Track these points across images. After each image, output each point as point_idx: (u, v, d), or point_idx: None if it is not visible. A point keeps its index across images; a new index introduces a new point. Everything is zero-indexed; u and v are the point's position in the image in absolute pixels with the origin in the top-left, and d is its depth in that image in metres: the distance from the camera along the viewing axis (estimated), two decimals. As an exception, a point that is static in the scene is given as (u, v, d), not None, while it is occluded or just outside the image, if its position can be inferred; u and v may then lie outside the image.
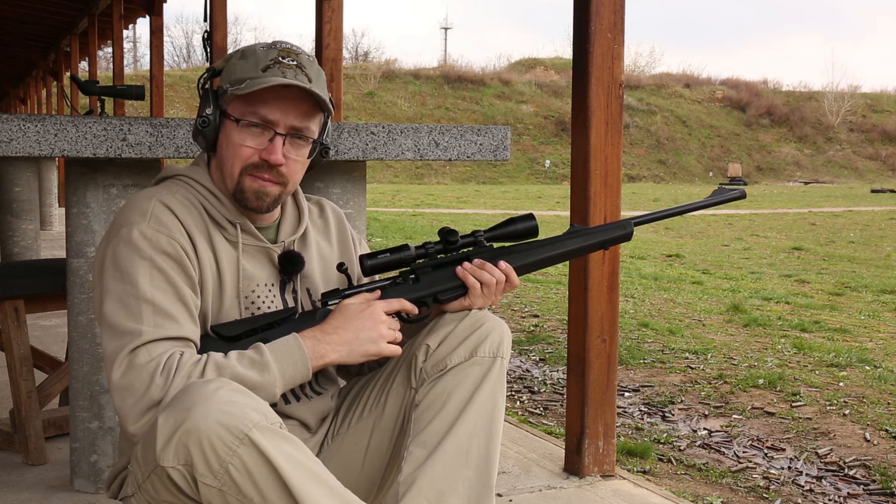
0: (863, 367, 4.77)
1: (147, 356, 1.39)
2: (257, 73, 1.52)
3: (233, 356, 1.43)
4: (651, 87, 47.71)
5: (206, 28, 6.03)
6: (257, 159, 1.54)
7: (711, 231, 14.01)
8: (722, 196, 1.87)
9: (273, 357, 1.44)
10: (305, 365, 1.47)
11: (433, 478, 1.51)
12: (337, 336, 1.51)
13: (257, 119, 1.53)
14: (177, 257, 1.49)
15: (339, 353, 1.51)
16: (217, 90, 1.59)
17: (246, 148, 1.54)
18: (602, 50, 2.55)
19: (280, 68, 1.51)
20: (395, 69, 45.58)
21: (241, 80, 1.53)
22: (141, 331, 1.41)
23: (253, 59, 1.54)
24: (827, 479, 3.18)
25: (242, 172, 1.55)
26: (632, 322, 6.07)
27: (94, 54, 12.73)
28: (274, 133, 1.54)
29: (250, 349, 1.45)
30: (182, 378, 1.38)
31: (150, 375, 1.38)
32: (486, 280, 1.63)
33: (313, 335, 1.50)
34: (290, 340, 1.48)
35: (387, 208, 18.85)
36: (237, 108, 1.54)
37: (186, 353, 1.41)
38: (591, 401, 2.61)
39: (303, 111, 1.55)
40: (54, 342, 4.33)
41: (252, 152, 1.54)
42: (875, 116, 49.60)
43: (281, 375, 1.44)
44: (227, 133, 1.56)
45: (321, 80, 1.58)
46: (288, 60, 1.53)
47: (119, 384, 1.39)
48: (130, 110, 27.02)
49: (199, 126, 1.56)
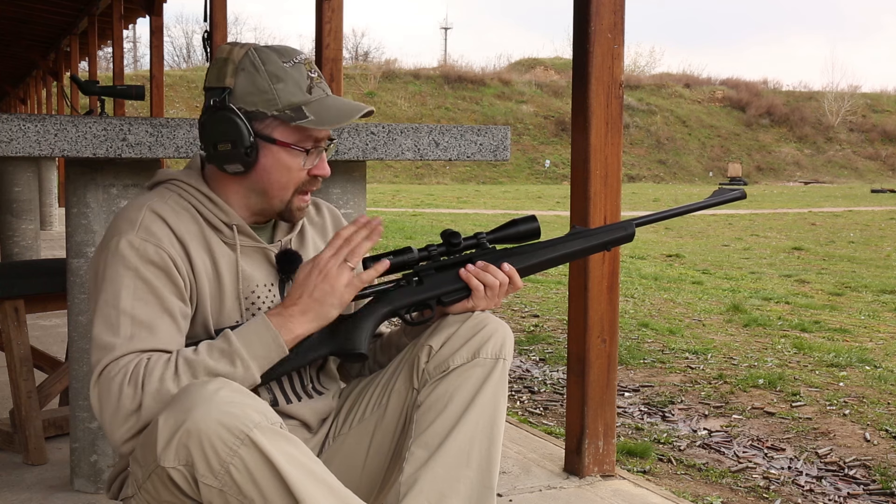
0: (863, 367, 4.77)
1: (115, 369, 1.39)
2: (306, 97, 1.52)
3: (202, 349, 1.42)
4: (651, 87, 47.71)
5: (206, 28, 6.03)
6: (306, 177, 1.56)
7: (711, 231, 14.01)
8: (722, 196, 1.87)
9: (241, 342, 1.43)
10: (277, 342, 1.45)
11: (434, 478, 1.51)
12: (297, 306, 1.49)
13: (313, 143, 1.55)
14: (163, 267, 1.48)
15: (307, 321, 1.49)
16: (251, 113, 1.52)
17: (302, 171, 1.56)
18: (602, 50, 2.55)
19: (318, 86, 1.54)
20: (395, 69, 45.58)
21: (293, 105, 1.51)
22: (115, 345, 1.41)
23: (289, 79, 1.52)
24: (827, 479, 3.18)
25: (295, 193, 1.57)
26: (632, 322, 6.07)
27: (94, 54, 12.73)
28: (323, 149, 1.57)
29: (219, 338, 1.44)
30: (154, 381, 1.37)
31: (118, 387, 1.37)
32: (490, 282, 1.63)
33: (277, 311, 1.49)
34: (257, 321, 1.47)
35: (387, 208, 18.85)
36: (284, 133, 1.53)
37: (154, 357, 1.40)
38: (591, 401, 2.61)
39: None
40: (54, 342, 4.33)
41: (304, 172, 1.56)
42: (875, 116, 49.60)
43: (253, 358, 1.43)
44: (276, 157, 1.54)
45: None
46: (316, 75, 1.56)
47: (96, 401, 1.40)
48: (130, 110, 27.02)
49: (244, 154, 1.51)
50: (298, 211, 1.60)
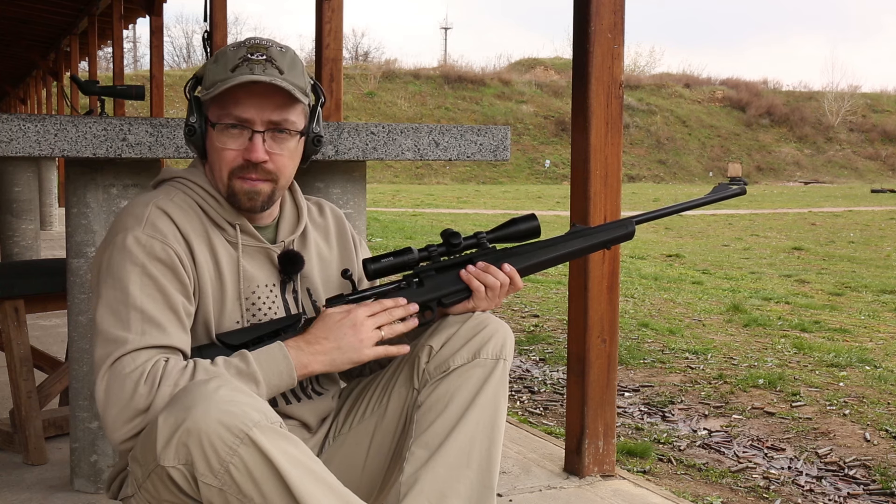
0: (863, 367, 4.77)
1: (131, 364, 1.39)
2: (226, 74, 1.51)
3: (220, 364, 1.43)
4: (651, 87, 47.70)
5: (206, 28, 6.03)
6: (241, 160, 1.53)
7: (711, 231, 14.01)
8: (723, 192, 1.87)
9: (259, 367, 1.44)
10: (290, 374, 1.47)
11: (435, 478, 1.51)
12: (319, 346, 1.51)
13: (232, 120, 1.52)
14: (170, 264, 1.48)
15: (322, 364, 1.51)
16: (198, 97, 1.58)
17: (228, 151, 1.53)
18: (602, 50, 2.55)
19: (248, 65, 1.50)
20: (395, 69, 45.57)
21: (213, 83, 1.53)
22: (127, 339, 1.41)
23: (223, 60, 1.53)
24: (827, 479, 3.18)
25: (231, 176, 1.54)
26: (632, 322, 6.07)
27: (94, 54, 12.73)
28: (252, 131, 1.53)
29: (235, 357, 1.45)
30: (169, 386, 1.37)
31: (133, 384, 1.37)
32: (491, 283, 1.63)
33: (297, 345, 1.50)
34: (275, 350, 1.47)
35: (387, 208, 18.85)
36: (214, 113, 1.54)
37: (172, 360, 1.41)
38: (591, 401, 2.61)
39: (277, 104, 1.53)
40: (54, 342, 4.33)
41: (235, 154, 1.53)
42: (875, 116, 49.59)
43: (266, 385, 1.45)
44: (211, 139, 1.56)
45: (296, 69, 1.55)
46: (256, 56, 1.51)
47: (103, 393, 1.39)
48: (130, 110, 27.02)
49: (185, 134, 1.57)
50: (245, 196, 1.55)
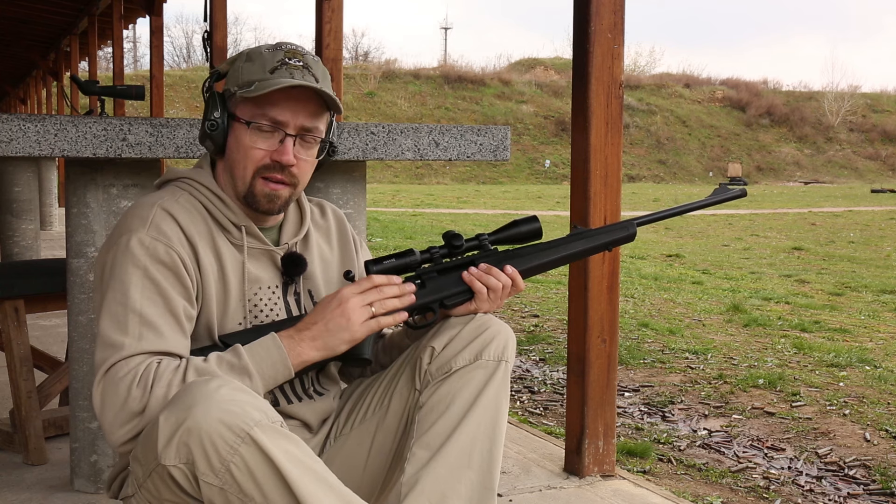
0: (863, 367, 4.77)
1: (125, 369, 1.39)
2: (265, 75, 1.52)
3: (212, 360, 1.42)
4: (651, 87, 47.70)
5: (206, 28, 6.03)
6: (269, 161, 1.54)
7: (711, 231, 14.01)
8: (723, 195, 1.87)
9: (251, 360, 1.44)
10: (285, 364, 1.46)
11: (436, 479, 1.51)
12: (310, 332, 1.50)
13: (267, 121, 1.53)
14: (173, 267, 1.48)
15: (315, 348, 1.49)
16: (224, 93, 1.58)
17: (258, 150, 1.54)
18: (602, 50, 2.55)
19: (287, 69, 1.52)
20: (395, 69, 45.57)
21: (249, 82, 1.53)
22: (123, 344, 1.41)
23: (259, 61, 1.54)
24: (827, 479, 3.18)
25: (255, 175, 1.55)
26: (632, 322, 6.08)
27: (94, 54, 12.72)
28: (285, 134, 1.54)
29: (228, 352, 1.45)
30: (162, 387, 1.37)
31: (126, 388, 1.37)
32: (493, 285, 1.63)
33: (289, 334, 1.49)
34: (267, 341, 1.47)
35: (387, 208, 18.85)
36: (246, 111, 1.54)
37: (164, 361, 1.41)
38: (591, 401, 2.61)
39: (311, 111, 1.55)
40: (54, 342, 4.33)
41: (264, 154, 1.54)
42: (875, 116, 49.59)
43: (261, 377, 1.44)
44: (237, 136, 1.55)
45: (327, 80, 1.58)
46: (294, 61, 1.53)
47: (99, 398, 1.40)
48: (130, 110, 27.02)
49: (207, 129, 1.56)
50: (265, 198, 1.56)
